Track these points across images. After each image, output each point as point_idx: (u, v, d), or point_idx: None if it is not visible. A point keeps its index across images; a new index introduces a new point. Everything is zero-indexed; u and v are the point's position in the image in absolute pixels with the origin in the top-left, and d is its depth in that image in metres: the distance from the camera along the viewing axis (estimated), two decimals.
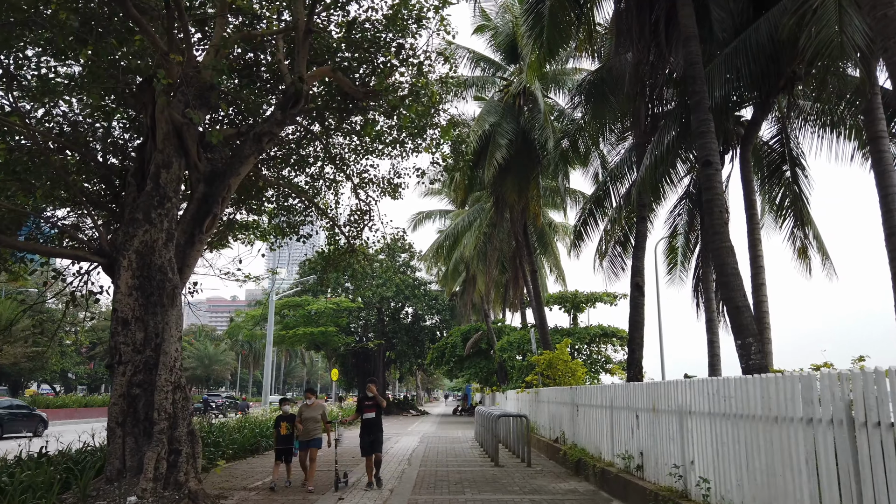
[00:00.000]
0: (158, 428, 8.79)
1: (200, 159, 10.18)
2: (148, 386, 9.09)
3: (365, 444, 10.61)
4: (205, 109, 10.49)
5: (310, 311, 40.25)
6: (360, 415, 10.79)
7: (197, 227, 10.10)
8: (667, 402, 7.88)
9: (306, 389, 11.48)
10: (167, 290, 9.32)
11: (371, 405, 10.68)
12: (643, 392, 8.85)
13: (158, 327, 9.29)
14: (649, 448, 8.50)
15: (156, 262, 9.35)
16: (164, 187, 9.55)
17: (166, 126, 9.65)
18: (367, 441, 10.61)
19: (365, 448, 10.61)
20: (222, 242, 17.50)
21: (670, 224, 19.08)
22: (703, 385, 6.78)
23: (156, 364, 9.10)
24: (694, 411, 7.02)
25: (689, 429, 7.14)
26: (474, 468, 13.25)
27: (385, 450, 17.40)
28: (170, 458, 8.85)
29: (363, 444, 10.62)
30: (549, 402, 16.64)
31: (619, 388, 10.16)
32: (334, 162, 15.43)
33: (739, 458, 5.96)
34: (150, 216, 9.35)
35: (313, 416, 10.85)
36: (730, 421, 6.15)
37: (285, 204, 15.89)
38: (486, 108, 20.94)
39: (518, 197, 20.84)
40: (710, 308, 15.68)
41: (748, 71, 10.65)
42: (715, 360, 15.30)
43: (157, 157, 9.57)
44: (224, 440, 14.50)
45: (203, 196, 10.14)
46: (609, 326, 29.17)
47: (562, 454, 13.40)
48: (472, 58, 22.35)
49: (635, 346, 13.11)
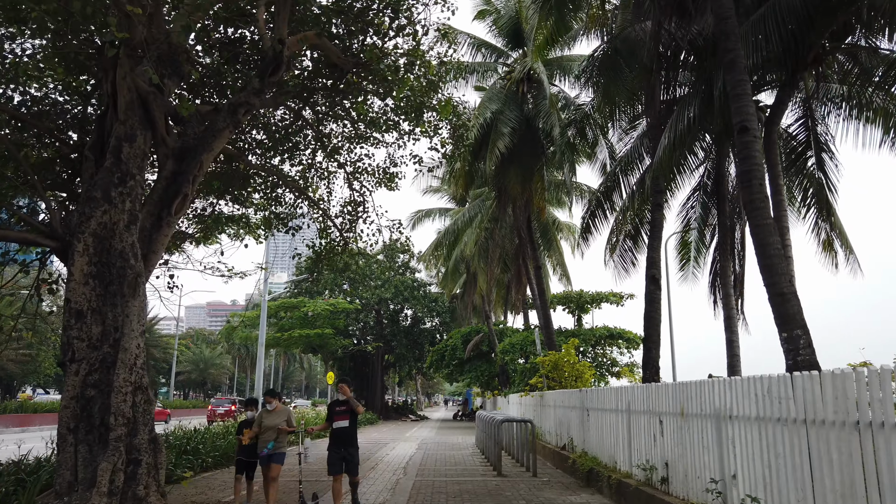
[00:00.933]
0: (115, 435, 7.70)
1: (169, 133, 9.13)
2: (105, 387, 8.00)
3: (334, 459, 8.30)
4: (176, 79, 9.44)
5: (306, 312, 39.13)
6: (329, 423, 8.54)
7: (165, 209, 9.02)
8: (699, 404, 6.78)
9: (265, 392, 9.22)
10: (128, 279, 8.24)
11: (343, 411, 8.46)
12: (668, 394, 7.75)
13: (118, 320, 8.21)
14: (676, 458, 7.40)
15: (116, 247, 8.28)
16: (127, 163, 8.48)
17: (129, 94, 8.58)
18: (336, 456, 8.30)
19: (334, 464, 8.28)
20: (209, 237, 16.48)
21: (683, 217, 18.04)
22: (750, 385, 5.68)
23: (114, 362, 8.02)
24: (736, 415, 5.93)
25: (730, 436, 6.04)
26: (475, 478, 12.14)
27: (380, 457, 16.31)
28: (128, 469, 7.76)
29: (332, 459, 8.31)
30: (555, 407, 15.53)
31: (638, 389, 9.05)
32: (326, 150, 14.39)
33: (801, 473, 4.86)
34: (109, 195, 8.27)
35: (275, 424, 8.78)
36: (787, 427, 5.06)
37: (273, 195, 14.84)
38: (488, 94, 19.85)
39: (521, 189, 19.74)
40: (729, 305, 14.59)
41: (778, 37, 9.59)
42: (735, 360, 14.20)
43: (119, 129, 8.51)
44: (205, 447, 13.37)
45: (172, 174, 9.06)
46: (615, 328, 28.07)
47: (570, 463, 12.29)
48: (473, 43, 21.29)
49: (651, 344, 12.00)
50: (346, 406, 8.46)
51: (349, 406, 8.44)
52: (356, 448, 8.52)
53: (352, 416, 8.48)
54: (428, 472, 13.05)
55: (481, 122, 18.87)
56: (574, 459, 12.05)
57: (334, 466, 8.27)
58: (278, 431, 8.74)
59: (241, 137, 13.86)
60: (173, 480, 10.78)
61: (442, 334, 44.92)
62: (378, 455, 16.97)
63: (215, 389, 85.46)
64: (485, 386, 37.28)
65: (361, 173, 14.92)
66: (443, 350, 37.56)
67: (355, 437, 8.54)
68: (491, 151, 18.38)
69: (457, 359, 36.34)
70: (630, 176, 16.64)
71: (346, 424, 8.44)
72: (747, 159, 7.93)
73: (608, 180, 16.27)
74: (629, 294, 29.09)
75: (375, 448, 19.29)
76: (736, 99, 8.10)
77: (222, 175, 13.95)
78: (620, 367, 26.50)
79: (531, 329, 30.60)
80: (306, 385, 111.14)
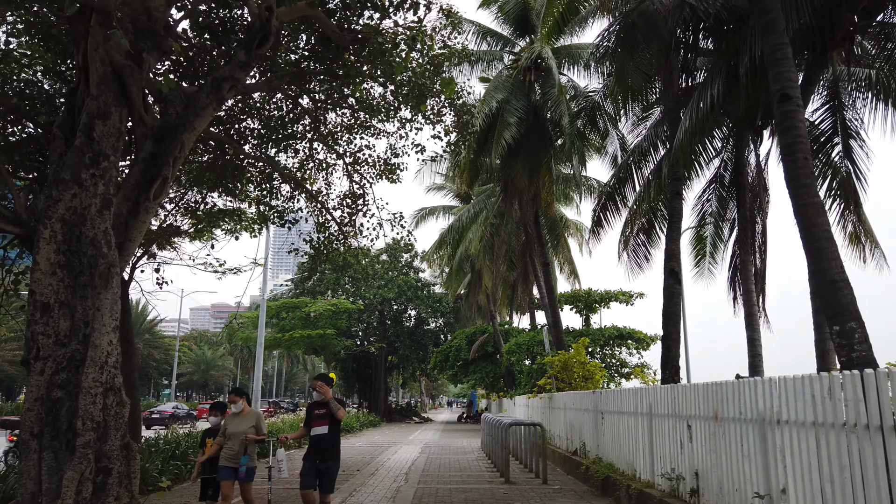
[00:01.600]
0: (83, 440, 6.92)
1: (148, 111, 8.37)
2: (73, 388, 7.22)
3: (308, 471, 7.02)
4: (156, 54, 8.69)
5: (308, 312, 38.36)
6: (307, 429, 7.27)
7: (143, 194, 8.24)
8: (737, 407, 5.97)
9: (231, 390, 7.80)
10: (100, 269, 7.47)
11: (322, 415, 7.13)
12: (698, 395, 6.94)
13: (88, 314, 7.44)
14: (709, 468, 6.59)
15: (87, 234, 7.52)
16: (100, 142, 7.72)
17: (102, 67, 7.83)
18: (311, 468, 7.02)
19: (306, 477, 7.00)
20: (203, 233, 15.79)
21: (698, 211, 17.25)
22: (805, 385, 4.88)
23: (83, 360, 7.25)
24: (787, 420, 5.12)
25: (778, 444, 5.24)
26: (481, 486, 11.35)
27: (381, 462, 15.50)
28: (97, 478, 6.98)
29: (305, 470, 7.03)
30: (565, 409, 14.72)
31: (662, 390, 8.25)
32: (325, 140, 13.67)
33: (877, 490, 4.06)
34: (79, 177, 7.51)
35: (241, 432, 7.33)
36: (857, 435, 4.25)
37: (268, 186, 14.11)
38: (494, 84, 19.03)
39: (528, 182, 18.91)
40: (750, 301, 13.77)
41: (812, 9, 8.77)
42: (756, 359, 13.38)
43: (91, 105, 7.75)
44: (194, 452, 12.58)
45: (150, 156, 8.29)
46: (625, 328, 27.20)
47: (583, 469, 11.48)
48: (478, 31, 20.48)
49: (671, 342, 11.17)
50: (326, 409, 7.14)
51: (329, 409, 7.11)
52: (336, 460, 7.13)
53: (332, 421, 7.09)
54: (431, 479, 12.26)
55: (487, 113, 18.06)
56: (587, 466, 11.24)
57: (306, 479, 6.98)
58: (245, 441, 7.33)
59: (234, 126, 13.16)
60: (157, 489, 9.99)
61: (446, 335, 44.12)
62: (379, 459, 16.19)
63: (218, 391, 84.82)
64: (490, 387, 36.48)
65: (361, 164, 14.21)
66: (447, 351, 36.80)
67: (336, 448, 7.16)
68: (497, 142, 17.58)
69: (461, 360, 35.59)
70: (643, 168, 15.84)
71: (324, 431, 7.08)
72: (790, 130, 7.12)
73: (620, 171, 15.48)
74: (639, 293, 28.23)
75: (377, 452, 18.50)
76: (775, 64, 7.29)
77: (215, 166, 13.25)
78: (631, 368, 25.63)
79: (538, 329, 29.77)
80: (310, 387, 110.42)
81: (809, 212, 6.90)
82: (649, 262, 16.58)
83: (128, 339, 14.76)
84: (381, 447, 20.32)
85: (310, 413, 7.26)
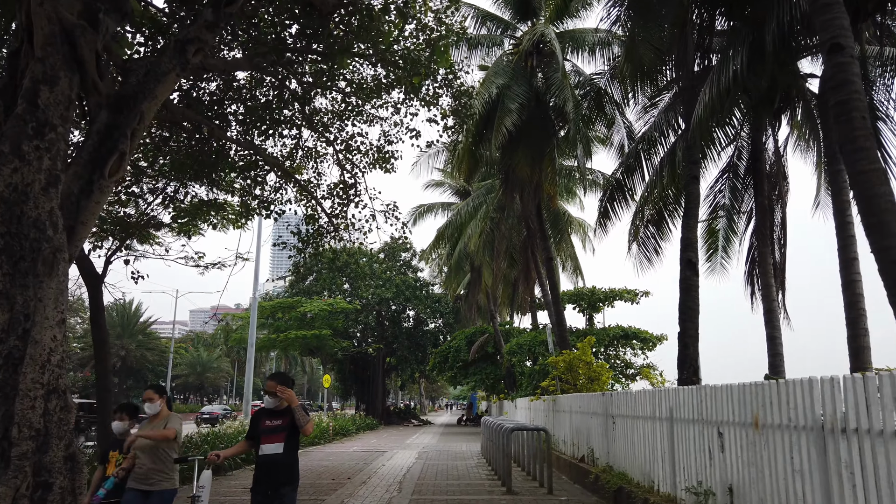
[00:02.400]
0: (19, 451, 5.94)
1: (103, 78, 7.41)
2: (10, 390, 6.24)
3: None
4: (115, 16, 7.76)
5: (303, 313, 37.39)
6: (250, 445, 5.27)
7: (97, 170, 7.28)
8: (786, 412, 5.02)
9: (148, 386, 5.80)
10: (44, 254, 6.52)
11: (277, 428, 5.06)
12: (731, 397, 5.98)
13: (29, 306, 6.48)
14: (747, 483, 5.64)
15: (29, 215, 6.56)
16: (45, 110, 6.78)
17: (49, 26, 6.89)
18: (262, 501, 4.97)
19: None
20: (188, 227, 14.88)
21: (710, 203, 16.31)
22: (886, 383, 3.91)
23: (22, 358, 6.30)
24: (855, 428, 4.17)
25: (844, 459, 4.28)
26: (481, 496, 10.39)
27: (374, 469, 14.53)
28: (35, 494, 5.99)
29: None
30: (571, 412, 13.76)
31: (684, 392, 7.29)
32: (314, 127, 12.76)
33: None
34: (20, 149, 6.56)
35: (147, 444, 5.45)
36: None
37: (253, 174, 13.18)
38: (494, 69, 18.08)
39: (530, 172, 17.95)
40: (769, 297, 12.83)
41: None
42: (777, 359, 12.45)
43: (36, 68, 6.81)
44: None
45: (106, 127, 7.36)
46: (630, 327, 26.24)
47: (592, 478, 10.52)
48: (478, 15, 19.54)
49: (688, 339, 10.21)
50: (283, 419, 5.05)
51: (288, 419, 5.03)
52: (294, 486, 5.02)
53: (290, 436, 5.04)
54: (427, 489, 11.29)
55: (486, 99, 17.12)
56: (597, 474, 10.29)
57: None
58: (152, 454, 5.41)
59: (216, 110, 12.23)
60: None
61: (445, 336, 43.16)
62: (372, 466, 15.21)
63: (214, 393, 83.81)
64: (490, 389, 35.54)
65: (353, 153, 13.29)
66: (446, 352, 35.87)
67: (295, 469, 5.08)
68: (497, 130, 16.62)
69: (461, 361, 34.67)
70: (653, 156, 14.91)
71: (278, 450, 5.00)
72: (843, 86, 6.14)
73: (629, 158, 14.54)
74: (644, 291, 27.27)
75: (371, 457, 17.53)
76: (823, 10, 6.33)
77: (195, 153, 12.33)
78: (638, 369, 24.67)
79: (541, 328, 28.81)
80: (308, 388, 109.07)
81: (870, 180, 5.92)
82: (659, 255, 15.64)
83: (101, 339, 13.84)
84: (376, 452, 19.36)
85: (257, 424, 5.16)
